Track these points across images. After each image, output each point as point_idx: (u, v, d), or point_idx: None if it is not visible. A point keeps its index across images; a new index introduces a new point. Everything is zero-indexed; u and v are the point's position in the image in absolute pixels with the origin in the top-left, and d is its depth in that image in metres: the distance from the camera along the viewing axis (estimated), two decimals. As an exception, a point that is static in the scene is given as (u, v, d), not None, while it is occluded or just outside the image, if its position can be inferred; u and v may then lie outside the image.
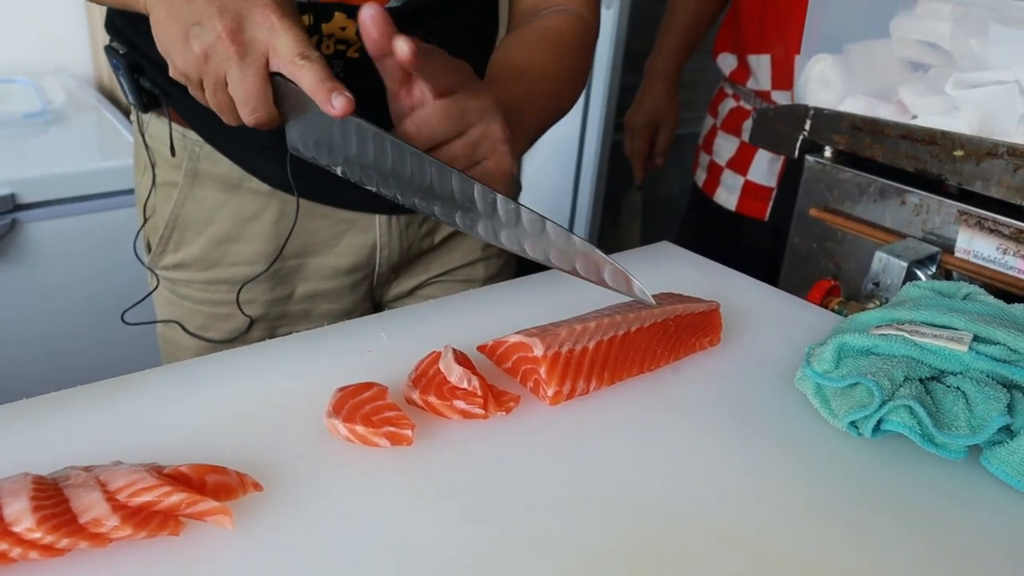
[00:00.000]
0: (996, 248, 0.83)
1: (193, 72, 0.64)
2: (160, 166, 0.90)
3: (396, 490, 0.51)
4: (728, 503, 0.52)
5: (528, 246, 0.61)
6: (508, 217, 0.61)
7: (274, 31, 0.62)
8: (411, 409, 0.58)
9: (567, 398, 0.61)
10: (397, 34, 0.62)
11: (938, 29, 0.91)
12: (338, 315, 0.95)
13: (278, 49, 0.62)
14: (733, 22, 1.53)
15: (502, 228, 0.61)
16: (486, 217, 0.62)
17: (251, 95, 0.63)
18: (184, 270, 0.92)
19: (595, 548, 0.48)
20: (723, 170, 1.57)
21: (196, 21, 0.62)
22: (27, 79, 1.79)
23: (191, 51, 0.62)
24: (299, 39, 0.62)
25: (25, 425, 0.54)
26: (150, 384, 0.60)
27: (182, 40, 0.63)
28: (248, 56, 0.62)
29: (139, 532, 0.44)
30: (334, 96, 0.61)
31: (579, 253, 0.59)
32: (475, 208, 0.62)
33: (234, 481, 0.48)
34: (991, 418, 0.55)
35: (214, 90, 0.64)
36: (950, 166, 0.85)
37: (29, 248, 1.46)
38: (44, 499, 0.43)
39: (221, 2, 0.62)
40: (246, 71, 0.62)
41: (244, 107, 0.64)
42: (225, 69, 0.63)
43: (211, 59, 0.62)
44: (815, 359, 0.63)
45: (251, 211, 0.89)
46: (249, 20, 0.62)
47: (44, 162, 1.51)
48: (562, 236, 0.59)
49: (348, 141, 0.65)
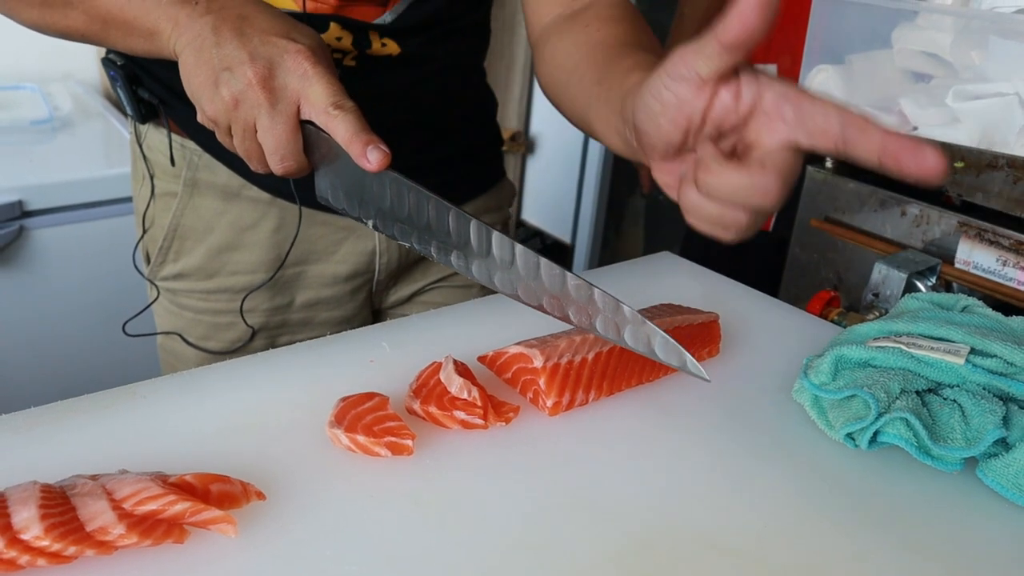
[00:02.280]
0: (996, 259, 0.84)
1: (222, 118, 0.62)
2: (159, 177, 0.90)
3: (396, 499, 0.52)
4: (725, 514, 0.53)
5: (572, 312, 0.57)
6: (552, 282, 0.57)
7: (307, 78, 0.60)
8: (412, 419, 0.59)
9: (566, 409, 0.61)
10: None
11: (939, 41, 0.92)
12: (338, 322, 0.96)
13: (311, 97, 0.60)
14: None
15: (544, 294, 0.57)
16: (528, 279, 0.57)
17: (281, 143, 0.61)
18: (184, 280, 0.93)
19: (593, 558, 0.48)
20: None
21: (226, 67, 0.60)
22: (34, 86, 1.81)
23: (220, 97, 0.61)
24: (333, 87, 0.60)
25: (33, 433, 0.55)
26: (156, 393, 0.60)
27: (211, 85, 0.61)
28: (279, 104, 0.60)
29: (144, 540, 0.45)
30: (370, 150, 0.59)
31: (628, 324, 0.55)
32: (515, 269, 0.58)
33: (238, 490, 0.49)
34: (987, 431, 0.55)
35: (243, 137, 0.63)
36: (950, 178, 0.85)
37: (36, 255, 1.47)
38: (52, 507, 0.44)
39: (252, 48, 0.60)
40: (276, 119, 0.60)
41: (273, 155, 0.62)
42: (255, 116, 0.61)
43: (241, 106, 0.61)
44: (813, 371, 0.63)
45: (250, 219, 0.89)
46: (281, 67, 0.60)
47: (51, 169, 1.52)
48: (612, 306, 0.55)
49: (383, 195, 0.63)
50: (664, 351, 0.54)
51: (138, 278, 0.98)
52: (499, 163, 1.04)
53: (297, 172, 0.64)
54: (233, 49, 0.60)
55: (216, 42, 0.61)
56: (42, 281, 1.50)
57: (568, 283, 0.56)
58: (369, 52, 0.82)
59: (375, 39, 0.82)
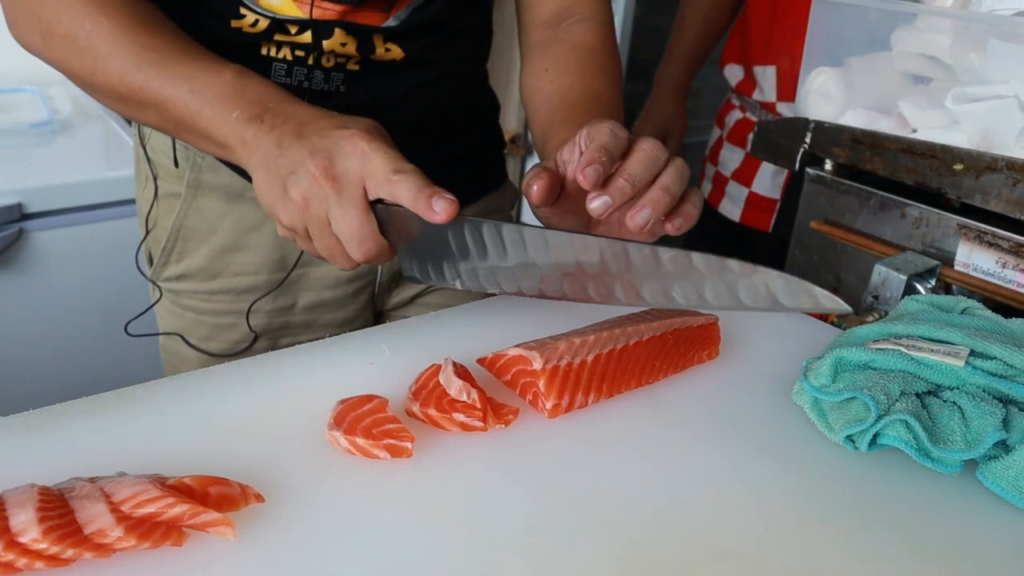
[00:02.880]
0: (995, 262, 0.84)
1: (298, 222, 0.63)
2: (162, 178, 0.91)
3: (395, 502, 0.52)
4: (725, 516, 0.53)
5: (709, 292, 0.54)
6: (677, 268, 0.54)
7: (365, 156, 0.61)
8: (411, 421, 0.59)
9: (566, 411, 0.61)
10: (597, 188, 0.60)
11: (938, 43, 0.92)
12: (340, 324, 0.96)
13: (371, 172, 0.61)
14: (741, 33, 1.54)
15: (673, 281, 0.55)
16: (646, 277, 0.55)
17: (355, 228, 0.62)
18: (187, 281, 0.93)
19: (593, 560, 0.48)
20: (728, 181, 1.57)
21: (291, 170, 0.62)
22: (34, 88, 1.80)
23: (291, 200, 0.62)
24: (391, 156, 0.61)
25: (32, 436, 0.55)
26: (154, 396, 0.60)
27: (281, 193, 0.63)
28: (345, 189, 0.61)
29: (143, 543, 0.45)
30: (435, 201, 0.59)
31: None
32: (635, 268, 0.56)
33: (236, 493, 0.49)
34: (987, 433, 0.55)
35: (320, 235, 0.63)
36: (950, 180, 0.85)
37: (35, 257, 1.47)
38: (50, 510, 0.44)
39: (311, 145, 0.61)
40: (345, 205, 0.61)
41: (351, 242, 0.62)
42: (325, 209, 0.62)
43: (310, 203, 0.62)
44: (812, 373, 0.63)
45: (253, 221, 0.89)
46: (339, 154, 0.61)
47: (51, 172, 1.52)
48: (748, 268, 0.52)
49: (463, 245, 0.62)
50: (788, 295, 0.50)
51: (138, 280, 0.98)
52: (501, 165, 1.04)
53: (378, 255, 0.64)
54: (295, 152, 0.62)
55: (280, 153, 0.63)
56: (42, 284, 1.49)
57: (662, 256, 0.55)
58: (373, 57, 0.82)
59: (379, 44, 0.82)
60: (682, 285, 0.55)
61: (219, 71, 0.68)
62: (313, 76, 0.82)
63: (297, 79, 0.82)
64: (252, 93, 0.67)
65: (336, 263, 0.65)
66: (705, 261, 0.53)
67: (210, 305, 0.93)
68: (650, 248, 0.55)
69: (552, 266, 0.60)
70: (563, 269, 0.60)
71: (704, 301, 0.54)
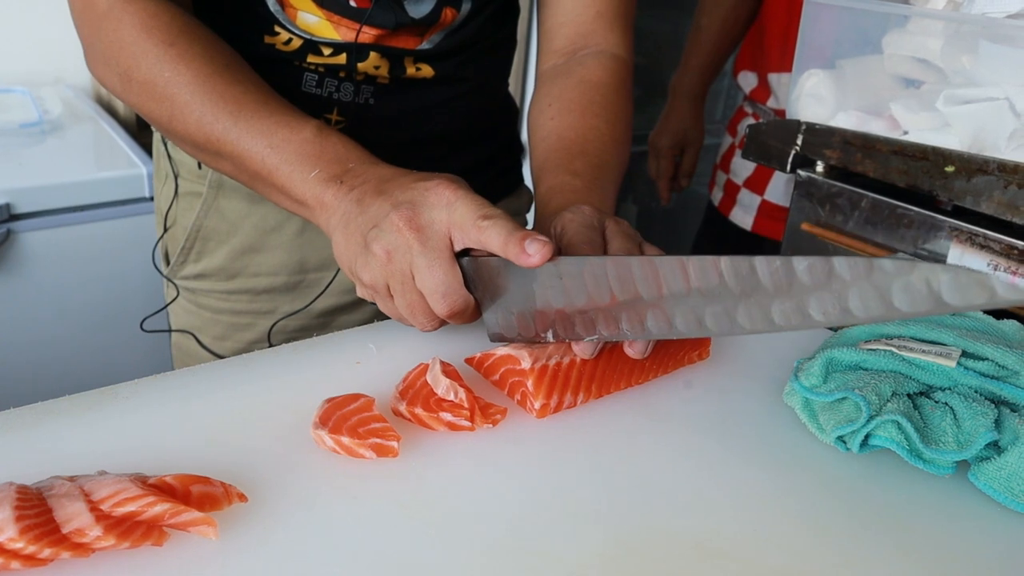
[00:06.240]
0: (987, 264, 0.84)
1: (379, 278, 0.60)
2: (183, 176, 0.91)
3: (381, 501, 0.51)
4: (715, 517, 0.52)
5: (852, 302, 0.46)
6: (815, 279, 0.47)
7: (451, 205, 0.58)
8: (398, 421, 0.58)
9: (554, 411, 0.61)
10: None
11: (929, 46, 0.92)
12: (355, 326, 0.96)
13: (458, 220, 0.58)
14: (756, 41, 1.53)
15: (810, 295, 0.47)
16: (776, 295, 0.48)
17: (440, 281, 0.58)
18: (205, 280, 0.92)
19: (580, 560, 0.48)
20: (740, 189, 1.57)
21: (373, 224, 0.60)
22: (24, 89, 1.80)
23: (373, 255, 0.60)
24: (478, 202, 0.58)
25: (11, 435, 0.54)
26: (136, 394, 0.59)
27: (363, 250, 0.60)
28: (430, 240, 0.58)
29: (122, 542, 0.44)
30: (528, 243, 0.55)
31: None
32: (763, 287, 0.49)
33: (219, 492, 0.48)
34: (979, 434, 0.55)
35: (402, 290, 0.60)
36: (941, 182, 0.85)
37: (24, 258, 1.46)
38: (27, 509, 0.43)
39: (394, 199, 0.59)
40: (431, 256, 0.58)
41: (435, 295, 0.59)
42: (409, 262, 0.59)
43: (394, 256, 0.59)
44: (803, 374, 0.63)
45: (274, 222, 0.89)
46: (424, 204, 0.59)
47: (40, 172, 1.51)
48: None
49: (555, 291, 0.58)
50: (955, 291, 0.41)
51: (128, 280, 0.98)
52: (518, 170, 1.05)
53: (463, 310, 0.60)
54: (377, 208, 0.60)
55: (361, 210, 0.61)
56: (31, 285, 1.48)
57: (796, 267, 0.48)
58: (403, 77, 0.84)
59: (409, 65, 0.83)
60: (820, 298, 0.47)
61: (298, 127, 0.66)
62: (343, 88, 0.83)
63: (328, 90, 0.83)
64: (332, 152, 0.65)
65: (417, 323, 0.62)
66: (850, 265, 0.45)
67: (228, 304, 0.93)
68: (781, 260, 0.48)
69: (663, 299, 0.54)
70: (676, 301, 0.53)
71: (849, 314, 0.46)
